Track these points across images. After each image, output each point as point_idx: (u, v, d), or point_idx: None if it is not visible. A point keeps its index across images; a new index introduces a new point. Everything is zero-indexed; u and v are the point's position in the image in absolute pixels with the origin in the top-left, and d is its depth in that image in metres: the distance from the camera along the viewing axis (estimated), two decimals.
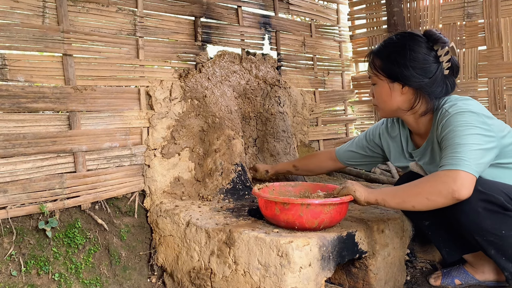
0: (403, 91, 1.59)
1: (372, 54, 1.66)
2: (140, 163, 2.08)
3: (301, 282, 1.42)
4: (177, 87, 2.18)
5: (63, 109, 1.84)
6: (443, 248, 1.80)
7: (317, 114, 3.08)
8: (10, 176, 1.69)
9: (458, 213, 1.48)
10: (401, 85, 1.59)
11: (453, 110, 1.48)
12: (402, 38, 1.60)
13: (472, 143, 1.39)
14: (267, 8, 2.76)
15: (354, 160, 2.04)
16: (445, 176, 1.38)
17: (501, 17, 2.86)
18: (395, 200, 1.48)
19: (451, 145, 1.42)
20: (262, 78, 2.57)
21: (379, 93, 1.66)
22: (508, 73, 2.87)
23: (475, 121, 1.43)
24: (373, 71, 1.64)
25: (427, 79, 1.54)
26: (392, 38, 1.62)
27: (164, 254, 1.95)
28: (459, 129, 1.43)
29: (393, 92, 1.61)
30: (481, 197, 1.43)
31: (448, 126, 1.47)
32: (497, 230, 1.45)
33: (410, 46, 1.55)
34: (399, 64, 1.56)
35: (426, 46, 1.55)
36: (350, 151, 2.03)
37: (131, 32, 2.07)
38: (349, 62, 3.42)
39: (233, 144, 2.23)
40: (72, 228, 1.83)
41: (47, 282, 1.71)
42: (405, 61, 1.54)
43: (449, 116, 1.48)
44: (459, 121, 1.44)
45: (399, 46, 1.57)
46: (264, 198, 1.58)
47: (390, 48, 1.60)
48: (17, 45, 1.72)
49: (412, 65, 1.54)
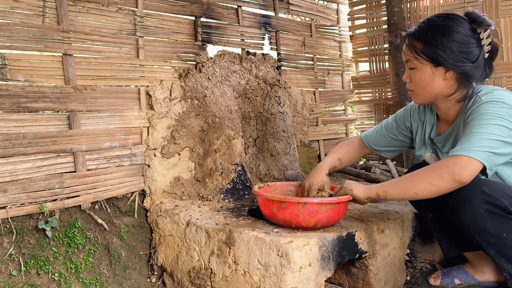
0: (446, 76, 1.50)
1: (411, 36, 1.54)
2: (140, 163, 2.08)
3: (301, 282, 1.42)
4: (177, 87, 2.18)
5: (63, 109, 1.84)
6: (443, 242, 1.78)
7: (317, 114, 3.08)
8: (10, 175, 1.69)
9: (460, 212, 1.46)
10: (445, 70, 1.49)
11: (486, 98, 1.43)
12: (446, 19, 1.49)
13: (490, 132, 1.35)
14: (267, 8, 2.76)
15: (383, 145, 1.91)
16: (446, 161, 1.37)
17: (501, 17, 2.86)
18: (397, 190, 1.46)
19: (467, 133, 1.39)
20: (262, 78, 2.57)
21: (419, 78, 1.54)
22: (508, 73, 2.87)
23: (504, 113, 1.38)
24: (414, 55, 1.53)
25: (471, 64, 1.46)
26: (434, 20, 1.52)
27: (164, 254, 1.95)
28: (482, 118, 1.39)
29: (435, 77, 1.51)
30: (485, 199, 1.40)
31: (475, 112, 1.42)
32: (498, 233, 1.44)
33: (455, 28, 1.46)
34: (445, 48, 1.46)
35: (470, 28, 1.46)
36: (380, 135, 1.90)
37: (131, 32, 2.07)
38: (349, 62, 3.42)
39: (233, 144, 2.23)
40: (72, 228, 1.83)
41: (47, 281, 1.71)
42: (451, 44, 1.45)
43: (480, 103, 1.43)
44: (487, 110, 1.40)
45: (444, 28, 1.47)
46: (263, 197, 1.59)
47: (434, 30, 1.49)
48: (17, 44, 1.73)
49: (460, 49, 1.45)
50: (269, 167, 2.52)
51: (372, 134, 1.93)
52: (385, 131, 1.89)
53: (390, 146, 1.90)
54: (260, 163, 2.53)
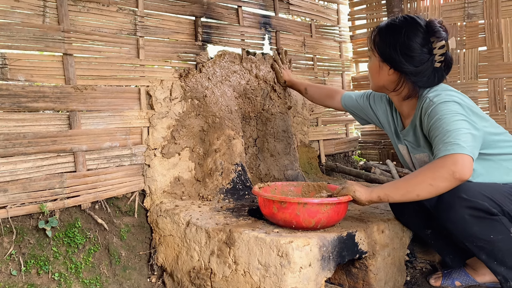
0: (390, 72, 1.63)
1: (376, 29, 1.67)
2: (140, 162, 2.08)
3: (301, 282, 1.42)
4: (177, 87, 2.18)
5: (63, 109, 1.84)
6: (446, 255, 1.82)
7: (317, 114, 3.08)
8: (10, 175, 1.69)
9: (445, 222, 1.50)
10: (389, 67, 1.62)
11: (437, 100, 1.51)
12: (403, 22, 1.60)
13: (460, 127, 1.41)
14: (267, 8, 2.76)
15: (353, 108, 2.10)
16: (443, 161, 1.39)
17: (501, 17, 2.86)
18: (399, 192, 1.48)
19: (441, 133, 1.43)
20: (263, 78, 2.57)
21: (370, 67, 1.71)
22: (508, 74, 2.87)
23: (459, 109, 1.46)
24: (371, 45, 1.68)
25: (413, 68, 1.56)
26: (395, 20, 1.63)
27: (164, 254, 1.95)
28: (446, 117, 1.45)
29: (381, 70, 1.65)
30: (466, 204, 1.44)
31: (434, 115, 1.49)
32: (485, 236, 1.47)
33: (406, 33, 1.56)
34: (391, 47, 1.58)
35: (422, 37, 1.55)
36: (354, 98, 2.08)
37: (132, 32, 2.07)
38: (349, 62, 3.42)
39: (233, 144, 2.23)
40: (72, 227, 1.83)
41: (47, 281, 1.71)
42: (397, 45, 1.57)
43: (434, 105, 1.50)
44: (445, 110, 1.47)
45: (397, 30, 1.58)
46: (263, 197, 1.59)
47: (389, 28, 1.62)
48: (17, 44, 1.72)
49: (402, 51, 1.56)
50: (269, 167, 2.52)
51: (350, 95, 2.13)
52: (360, 99, 2.05)
53: (359, 114, 2.09)
54: (260, 163, 2.53)
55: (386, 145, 3.42)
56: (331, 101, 2.24)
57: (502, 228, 1.46)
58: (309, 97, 2.41)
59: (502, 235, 1.46)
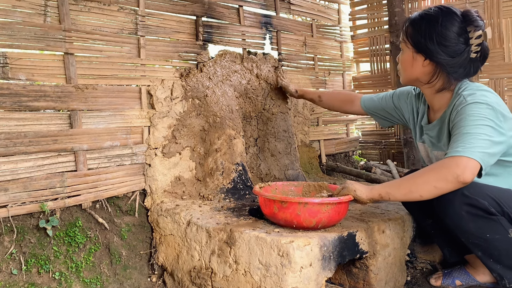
0: (424, 63, 1.59)
1: (408, 21, 1.64)
2: (141, 162, 2.08)
3: (301, 282, 1.42)
4: (178, 87, 2.18)
5: (64, 108, 1.84)
6: (445, 247, 1.80)
7: (318, 114, 3.08)
8: (11, 174, 1.69)
9: (445, 216, 1.50)
10: (424, 58, 1.58)
11: (470, 99, 1.48)
12: (438, 12, 1.56)
13: (481, 133, 1.39)
14: (268, 8, 2.75)
15: (375, 110, 2.07)
16: (448, 162, 1.39)
17: (502, 18, 2.86)
18: (401, 192, 1.48)
19: (459, 134, 1.43)
20: (263, 78, 2.57)
21: (403, 60, 1.66)
22: (509, 74, 2.86)
23: (488, 114, 1.43)
24: (403, 37, 1.64)
25: (449, 58, 1.53)
26: (429, 10, 1.60)
27: (164, 254, 1.95)
28: (470, 119, 1.43)
29: (415, 62, 1.61)
30: (465, 201, 1.44)
31: (461, 114, 1.47)
32: (481, 234, 1.47)
33: (442, 22, 1.52)
34: (426, 37, 1.54)
35: (459, 26, 1.52)
36: (376, 100, 2.05)
37: (133, 31, 2.07)
38: (350, 62, 3.42)
39: (234, 144, 2.23)
40: (73, 227, 1.83)
41: (47, 281, 1.71)
42: (433, 35, 1.53)
43: (466, 104, 1.47)
44: (473, 111, 1.44)
45: (432, 20, 1.54)
46: (263, 196, 1.59)
47: (423, 19, 1.58)
48: (18, 43, 1.72)
49: (439, 41, 1.52)
50: (270, 167, 2.52)
51: (370, 97, 2.09)
52: (382, 100, 2.02)
53: (382, 114, 2.05)
54: (261, 162, 2.53)
55: (386, 145, 3.42)
56: (350, 106, 2.19)
57: (500, 228, 1.46)
58: (324, 104, 2.37)
59: (499, 235, 1.46)
